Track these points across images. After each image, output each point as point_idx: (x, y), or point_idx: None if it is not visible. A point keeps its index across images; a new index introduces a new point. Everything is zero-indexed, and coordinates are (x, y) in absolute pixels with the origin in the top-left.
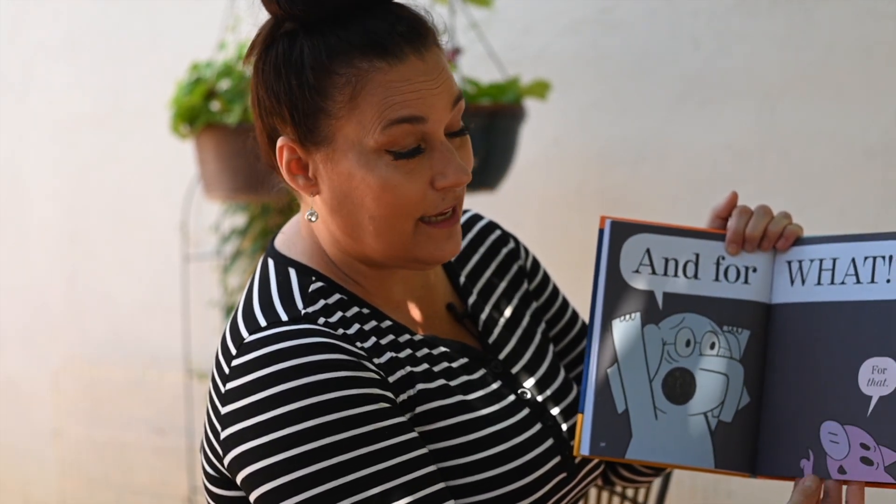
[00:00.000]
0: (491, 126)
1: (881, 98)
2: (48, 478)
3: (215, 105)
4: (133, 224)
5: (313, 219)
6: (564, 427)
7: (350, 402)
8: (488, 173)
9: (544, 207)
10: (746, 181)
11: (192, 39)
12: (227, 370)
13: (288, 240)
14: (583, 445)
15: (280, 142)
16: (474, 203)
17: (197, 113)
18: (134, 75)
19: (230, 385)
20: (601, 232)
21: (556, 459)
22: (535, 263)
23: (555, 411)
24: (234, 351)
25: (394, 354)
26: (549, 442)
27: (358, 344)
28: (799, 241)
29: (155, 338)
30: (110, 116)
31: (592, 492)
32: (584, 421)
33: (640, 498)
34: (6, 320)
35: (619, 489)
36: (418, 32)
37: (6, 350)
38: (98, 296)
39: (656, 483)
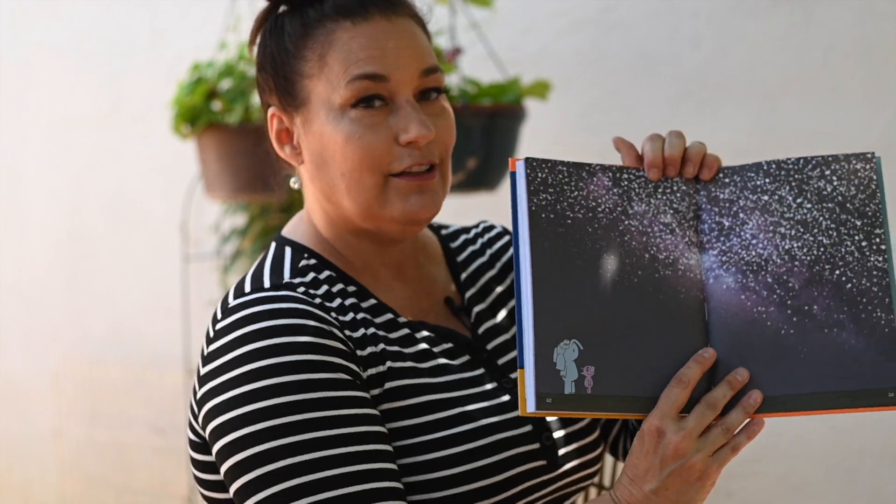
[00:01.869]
0: (491, 126)
1: (881, 98)
2: (48, 478)
3: (217, 105)
4: (133, 224)
5: (296, 185)
6: (549, 419)
7: (308, 367)
8: (488, 173)
9: None
10: None
11: (193, 39)
12: (211, 333)
13: (293, 224)
14: (528, 403)
15: (269, 112)
16: (474, 203)
17: (198, 113)
18: (134, 75)
19: (211, 347)
20: (513, 175)
21: (535, 445)
22: None
23: None
24: (220, 315)
25: (366, 331)
26: (528, 427)
27: (334, 315)
28: (721, 170)
29: (155, 338)
30: (110, 116)
31: (592, 491)
32: (526, 376)
33: None
34: (6, 320)
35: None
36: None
37: (6, 350)
38: (98, 296)
39: None
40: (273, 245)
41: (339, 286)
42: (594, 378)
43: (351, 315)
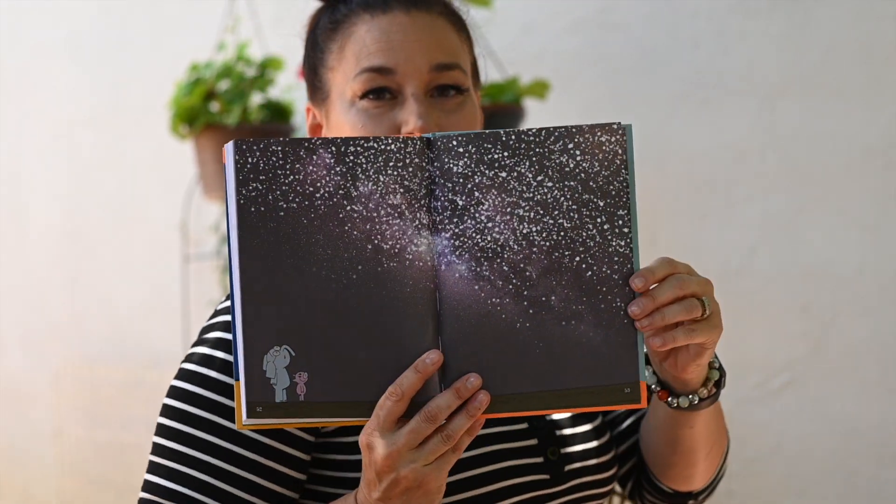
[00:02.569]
0: (490, 126)
1: (881, 98)
2: (48, 478)
3: (215, 106)
4: (133, 224)
5: None
6: (564, 432)
7: (218, 409)
8: None
9: None
10: (746, 181)
11: (192, 40)
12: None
13: None
14: (242, 413)
15: (306, 106)
16: None
17: (196, 113)
18: (134, 75)
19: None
20: (225, 167)
21: (537, 459)
22: None
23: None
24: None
25: None
26: (532, 441)
27: None
28: (456, 137)
29: (155, 338)
30: (110, 116)
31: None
32: (241, 390)
33: None
34: (6, 321)
35: (618, 489)
36: None
37: (6, 350)
38: (98, 296)
39: None
40: None
41: None
42: (307, 384)
43: None
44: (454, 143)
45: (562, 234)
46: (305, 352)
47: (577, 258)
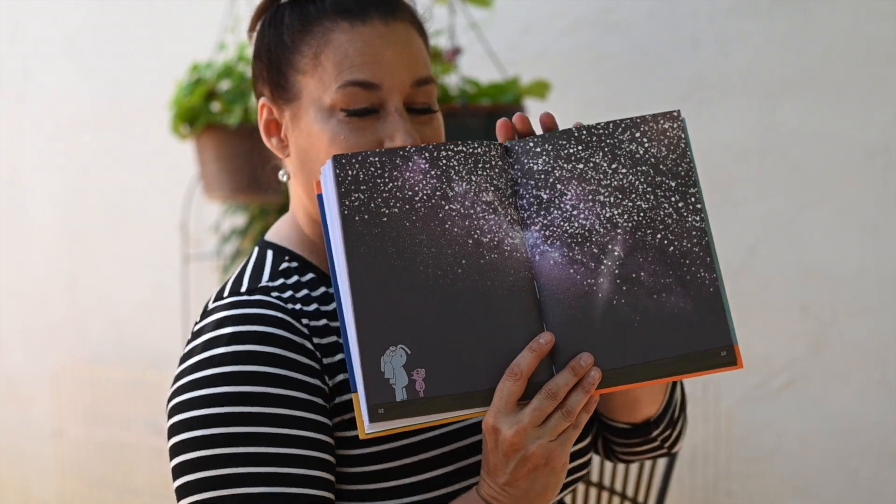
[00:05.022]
0: (490, 126)
1: (881, 98)
2: (48, 478)
3: (215, 106)
4: (133, 224)
5: (284, 178)
6: None
7: (267, 380)
8: None
9: None
10: (746, 181)
11: (192, 40)
12: (189, 335)
13: (276, 227)
14: (364, 421)
15: (261, 101)
16: None
17: (197, 113)
18: (134, 75)
19: (187, 348)
20: (320, 197)
21: None
22: None
23: None
24: (199, 317)
25: (337, 337)
26: None
27: (305, 321)
28: (532, 139)
29: (155, 338)
30: (110, 116)
31: (592, 491)
32: (360, 394)
33: (641, 497)
34: (6, 320)
35: (618, 488)
36: (388, 2)
37: (6, 350)
38: (98, 296)
39: (656, 482)
40: (256, 249)
41: (322, 290)
42: (425, 381)
43: (324, 321)
44: (531, 145)
45: (641, 214)
46: (420, 348)
47: (659, 235)
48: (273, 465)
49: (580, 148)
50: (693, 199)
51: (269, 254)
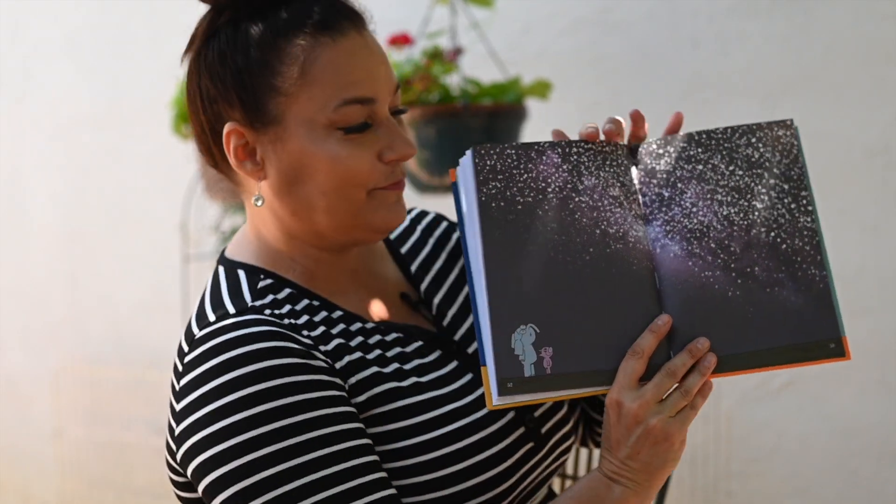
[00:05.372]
0: (492, 126)
1: (881, 98)
2: (48, 478)
3: None
4: (133, 224)
5: (259, 203)
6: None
7: (297, 388)
8: None
9: None
10: None
11: None
12: (180, 367)
13: (236, 245)
14: (493, 394)
15: (227, 128)
16: None
17: None
18: (134, 75)
19: (183, 381)
20: (454, 185)
21: (520, 431)
22: None
23: None
24: (186, 348)
25: (342, 341)
26: (511, 414)
27: (305, 333)
28: (655, 142)
29: (155, 338)
30: (110, 116)
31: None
32: (488, 368)
33: None
34: (6, 320)
35: None
36: (353, 11)
37: (6, 350)
38: (98, 296)
39: None
40: (221, 270)
41: (304, 302)
42: (552, 358)
43: (322, 329)
44: (654, 147)
45: (756, 213)
46: (549, 328)
47: (772, 234)
48: (335, 463)
49: (700, 150)
50: (805, 202)
51: (241, 273)
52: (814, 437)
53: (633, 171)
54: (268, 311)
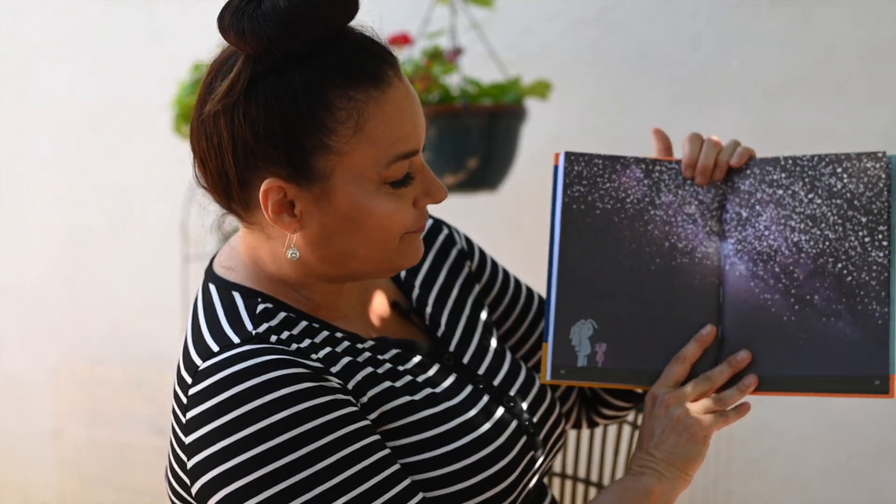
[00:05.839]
0: (492, 126)
1: (881, 98)
2: (48, 478)
3: None
4: (133, 224)
5: (296, 256)
6: (525, 406)
7: (317, 412)
8: (489, 173)
9: (544, 207)
10: None
11: (193, 39)
12: (185, 400)
13: (228, 264)
14: (547, 373)
15: (267, 184)
16: (475, 203)
17: None
18: (134, 75)
19: (190, 414)
20: (555, 168)
21: (523, 440)
22: (470, 242)
23: (511, 392)
24: (189, 380)
25: (351, 359)
26: (514, 424)
27: (312, 356)
28: (752, 160)
29: (155, 338)
30: (110, 116)
31: (592, 491)
32: (548, 350)
33: None
34: (6, 320)
35: None
36: (389, 52)
37: (6, 350)
38: (98, 296)
39: None
40: (214, 290)
41: (303, 324)
42: (605, 354)
43: (327, 349)
44: (744, 167)
45: (827, 243)
46: (607, 326)
47: (840, 265)
48: (367, 479)
49: (783, 175)
50: (881, 237)
51: (237, 296)
52: (814, 437)
53: (723, 187)
54: (273, 338)
